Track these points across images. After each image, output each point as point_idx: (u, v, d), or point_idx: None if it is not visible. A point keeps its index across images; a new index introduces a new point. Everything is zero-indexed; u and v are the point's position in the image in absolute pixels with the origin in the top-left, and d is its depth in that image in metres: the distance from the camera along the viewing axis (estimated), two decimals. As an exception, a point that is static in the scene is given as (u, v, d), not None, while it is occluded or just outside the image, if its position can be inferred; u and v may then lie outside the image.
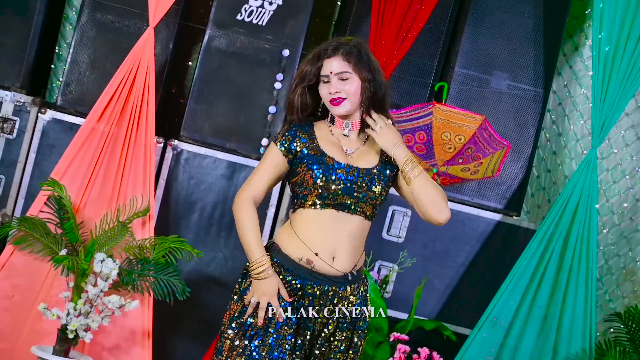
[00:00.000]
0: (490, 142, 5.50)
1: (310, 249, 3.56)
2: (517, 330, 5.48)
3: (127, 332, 5.15)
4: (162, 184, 5.53)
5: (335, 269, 3.59)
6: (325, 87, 3.60)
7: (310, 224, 3.57)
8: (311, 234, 3.57)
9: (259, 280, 3.52)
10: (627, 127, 6.25)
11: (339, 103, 3.58)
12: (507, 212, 5.85)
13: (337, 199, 3.55)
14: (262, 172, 3.62)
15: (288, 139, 3.60)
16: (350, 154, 3.63)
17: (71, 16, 5.99)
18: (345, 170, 3.56)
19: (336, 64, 3.58)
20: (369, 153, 3.67)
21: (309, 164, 3.56)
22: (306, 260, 3.57)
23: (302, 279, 3.57)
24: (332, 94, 3.58)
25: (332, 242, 3.57)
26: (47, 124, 5.48)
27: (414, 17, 5.56)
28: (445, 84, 5.76)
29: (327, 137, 3.64)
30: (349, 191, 3.55)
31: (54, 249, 4.96)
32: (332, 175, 3.54)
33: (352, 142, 3.67)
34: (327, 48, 3.60)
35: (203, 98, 5.60)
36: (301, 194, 3.58)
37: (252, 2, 5.61)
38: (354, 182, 3.56)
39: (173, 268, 5.00)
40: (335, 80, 3.58)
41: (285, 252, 3.59)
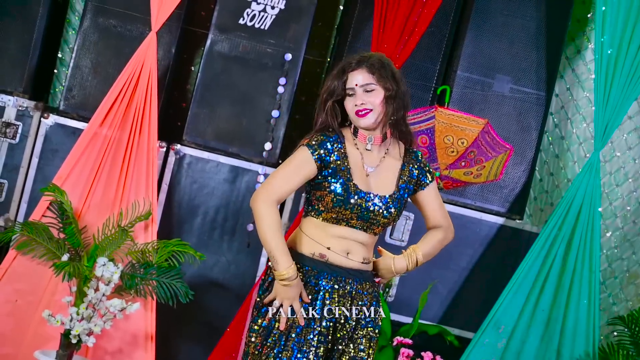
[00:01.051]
0: (492, 145, 5.50)
1: (321, 244, 3.60)
2: (521, 334, 5.48)
3: (130, 336, 5.15)
4: (164, 188, 5.53)
5: (350, 260, 3.62)
6: (351, 100, 3.62)
7: (322, 231, 3.62)
8: (323, 237, 3.62)
9: (284, 285, 3.54)
10: (629, 130, 6.25)
11: (365, 115, 3.60)
12: (510, 216, 5.84)
13: (351, 222, 3.60)
14: (290, 176, 3.58)
15: (325, 152, 3.59)
16: (370, 172, 3.64)
17: (74, 21, 6.00)
18: (365, 200, 3.59)
19: (361, 77, 3.61)
20: (389, 171, 3.68)
21: (333, 186, 3.57)
22: (319, 254, 3.60)
23: (319, 272, 3.60)
24: (358, 105, 3.59)
25: (344, 244, 3.62)
26: (49, 128, 5.48)
27: (416, 20, 5.56)
28: (448, 88, 5.76)
29: (353, 152, 3.65)
30: (363, 217, 3.60)
31: (57, 254, 4.97)
32: (351, 200, 3.56)
33: (374, 157, 3.67)
34: (351, 62, 3.63)
35: (205, 102, 5.60)
36: (317, 206, 3.61)
37: (255, 7, 5.61)
38: (371, 210, 3.60)
39: (176, 271, 5.00)
40: (360, 93, 3.60)
41: (298, 250, 3.63)
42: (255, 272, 5.57)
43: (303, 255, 3.62)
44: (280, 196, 3.57)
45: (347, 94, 3.62)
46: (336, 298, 3.61)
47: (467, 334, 5.72)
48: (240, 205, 5.57)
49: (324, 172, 3.60)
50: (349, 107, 3.62)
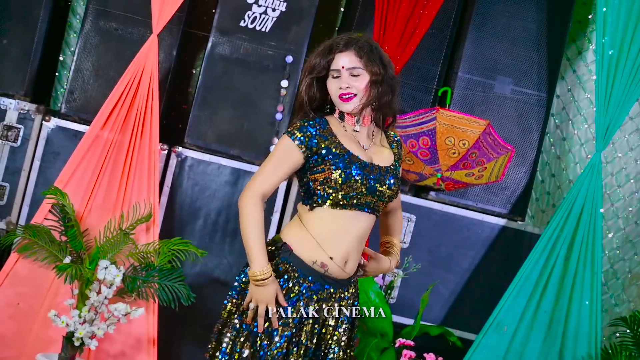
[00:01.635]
0: (494, 146, 5.50)
1: (325, 251, 3.54)
2: (523, 335, 5.47)
3: (132, 339, 5.15)
4: (166, 190, 5.53)
5: (345, 273, 3.60)
6: (335, 82, 3.55)
7: (327, 224, 3.54)
8: (327, 235, 3.53)
9: (258, 286, 3.48)
10: (631, 131, 6.24)
11: (349, 99, 3.54)
12: (512, 217, 5.84)
13: (361, 199, 3.53)
14: (275, 167, 3.51)
15: (307, 135, 3.52)
16: (367, 150, 3.60)
17: (75, 24, 6.00)
18: (370, 169, 3.54)
19: (348, 59, 3.54)
20: (381, 149, 3.66)
21: (336, 162, 3.50)
22: (320, 263, 3.54)
23: (314, 283, 3.55)
24: (343, 89, 3.53)
25: (346, 245, 3.55)
26: (51, 131, 5.49)
27: (417, 22, 5.56)
28: (449, 89, 5.76)
29: (343, 132, 3.60)
30: (372, 190, 3.54)
31: (59, 257, 4.97)
32: (360, 173, 3.51)
33: (364, 137, 3.63)
34: (339, 42, 3.56)
35: (207, 105, 5.60)
36: (323, 192, 3.52)
37: (256, 9, 5.61)
38: (377, 180, 3.55)
39: (178, 274, 5.01)
40: (346, 76, 3.54)
41: (298, 254, 3.55)
42: (257, 275, 5.56)
43: (302, 260, 3.55)
44: (266, 191, 3.50)
45: (331, 75, 3.56)
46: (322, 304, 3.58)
47: (469, 336, 5.72)
48: (241, 208, 5.57)
49: (314, 157, 3.52)
50: (332, 89, 3.55)
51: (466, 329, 5.76)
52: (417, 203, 5.75)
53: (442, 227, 5.77)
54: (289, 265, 3.55)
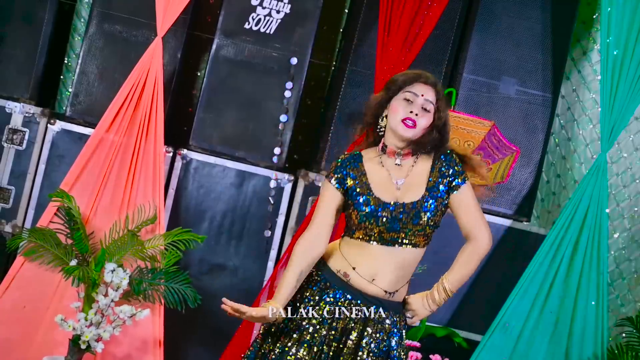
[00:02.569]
0: (499, 147, 5.50)
1: (349, 263, 3.59)
2: (529, 336, 5.47)
3: (139, 341, 5.15)
4: (171, 193, 5.53)
5: (374, 286, 3.59)
6: (406, 105, 3.57)
7: (357, 250, 3.60)
8: (355, 255, 3.60)
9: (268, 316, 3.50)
10: (636, 131, 6.24)
11: (412, 127, 3.55)
12: (517, 218, 5.84)
13: (384, 236, 3.56)
14: (323, 212, 3.61)
15: (340, 176, 3.60)
16: (400, 185, 3.60)
17: (79, 27, 6.01)
18: (390, 210, 3.55)
19: (431, 93, 3.58)
20: (418, 178, 3.63)
21: (355, 203, 3.56)
22: (343, 273, 3.59)
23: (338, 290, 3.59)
24: (412, 114, 3.54)
25: (375, 265, 3.58)
26: (56, 134, 5.49)
27: (421, 23, 5.56)
28: (454, 90, 5.76)
29: (376, 170, 3.62)
30: (394, 228, 3.55)
31: (65, 260, 4.97)
32: (378, 214, 3.54)
33: (402, 170, 3.63)
34: (427, 76, 3.60)
35: (212, 107, 5.60)
36: (349, 226, 3.62)
37: (260, 11, 5.61)
38: (399, 219, 3.55)
39: (184, 276, 5.01)
40: (419, 104, 3.56)
41: (327, 262, 3.63)
42: (263, 277, 5.57)
43: (329, 268, 3.62)
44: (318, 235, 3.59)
45: (404, 96, 3.58)
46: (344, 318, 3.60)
47: (475, 337, 5.71)
48: (247, 210, 5.58)
49: (347, 195, 3.59)
50: (399, 109, 3.57)
51: (472, 330, 5.75)
52: (423, 204, 5.74)
53: (447, 228, 5.72)
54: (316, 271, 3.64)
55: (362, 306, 3.59)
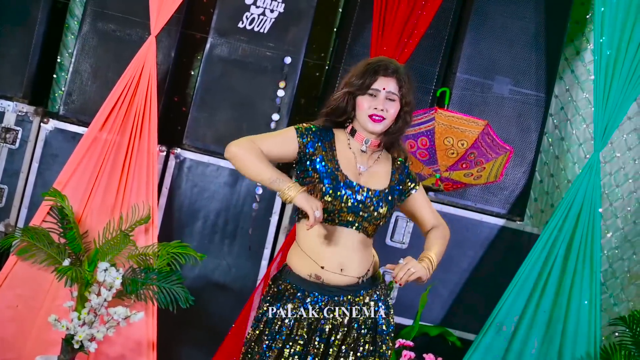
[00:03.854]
0: (492, 147, 5.50)
1: (316, 262, 3.58)
2: (522, 335, 5.48)
3: (132, 342, 5.15)
4: (165, 192, 5.52)
5: (345, 277, 3.61)
6: (371, 100, 3.62)
7: (314, 237, 3.60)
8: (317, 248, 3.60)
9: (304, 197, 3.47)
10: (629, 130, 6.25)
11: (379, 121, 3.62)
12: (511, 217, 5.84)
13: (342, 216, 3.58)
14: (272, 142, 3.59)
15: (310, 137, 3.61)
16: (363, 172, 3.65)
17: (73, 25, 6.00)
18: (355, 190, 3.58)
19: (392, 84, 3.62)
20: (380, 172, 3.70)
21: (322, 177, 3.57)
22: (315, 276, 3.60)
23: (317, 296, 3.60)
24: (378, 110, 3.60)
25: (337, 255, 3.60)
26: (49, 133, 5.48)
27: (415, 23, 5.56)
28: (448, 90, 5.76)
29: (345, 151, 3.65)
30: (355, 210, 3.58)
31: (58, 259, 4.96)
32: (342, 192, 3.56)
33: (366, 158, 3.69)
34: (387, 67, 3.63)
35: (205, 106, 5.60)
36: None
37: (254, 10, 5.61)
38: (362, 202, 3.59)
39: (176, 276, 5.00)
40: (382, 98, 3.61)
41: (296, 272, 3.63)
42: (256, 276, 5.57)
43: (300, 277, 3.62)
44: (260, 145, 3.55)
45: (369, 92, 3.62)
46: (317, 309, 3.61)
47: (469, 336, 5.72)
48: (240, 209, 5.57)
49: (306, 162, 3.59)
50: (364, 106, 3.61)
51: (465, 329, 5.76)
52: (416, 203, 5.74)
53: (444, 230, 5.77)
54: (288, 285, 3.63)
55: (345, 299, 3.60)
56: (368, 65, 3.65)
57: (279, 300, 3.63)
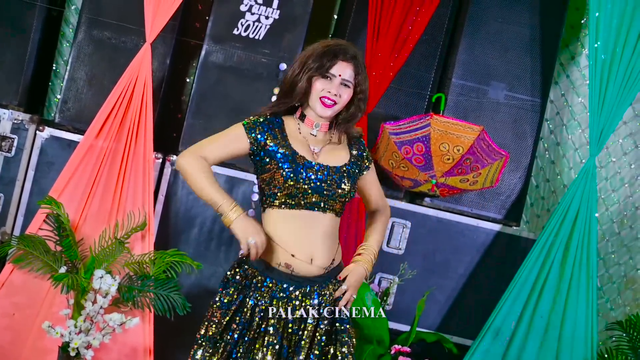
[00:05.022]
0: (488, 152, 5.50)
1: (286, 250, 3.59)
2: (519, 340, 5.47)
3: (128, 348, 5.14)
4: (161, 199, 5.52)
5: (315, 268, 3.62)
6: (326, 83, 3.62)
7: (283, 225, 3.60)
8: (286, 236, 3.60)
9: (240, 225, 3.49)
10: (625, 135, 6.25)
11: (330, 106, 3.63)
12: (507, 222, 5.84)
13: (307, 198, 3.59)
14: (220, 145, 3.61)
15: (258, 128, 3.62)
16: (317, 152, 3.65)
17: (68, 33, 6.00)
18: (315, 169, 3.60)
19: (349, 71, 3.63)
20: (336, 150, 3.71)
21: (280, 162, 3.58)
22: (285, 264, 3.60)
23: (283, 284, 3.60)
24: (331, 94, 3.60)
25: (308, 243, 3.61)
26: (45, 141, 5.48)
27: (410, 29, 5.57)
28: (443, 95, 5.77)
29: (296, 135, 3.67)
30: (318, 190, 3.59)
31: (54, 267, 4.96)
32: (303, 174, 3.57)
33: (319, 141, 3.70)
34: (346, 51, 3.63)
35: (201, 113, 5.60)
36: (270, 192, 3.61)
37: (249, 17, 5.61)
38: (324, 180, 3.60)
39: (173, 283, 5.00)
40: (337, 83, 3.62)
41: (265, 258, 3.62)
42: (253, 282, 5.56)
43: (270, 265, 3.61)
44: (207, 155, 3.58)
45: (324, 75, 3.61)
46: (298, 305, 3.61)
47: (466, 342, 5.72)
48: (236, 216, 5.56)
49: (261, 153, 3.61)
50: (318, 88, 3.62)
51: (462, 335, 5.76)
52: (412, 209, 5.75)
53: (437, 233, 5.78)
54: (256, 271, 3.62)
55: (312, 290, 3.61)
56: (327, 47, 3.63)
57: (247, 287, 3.61)
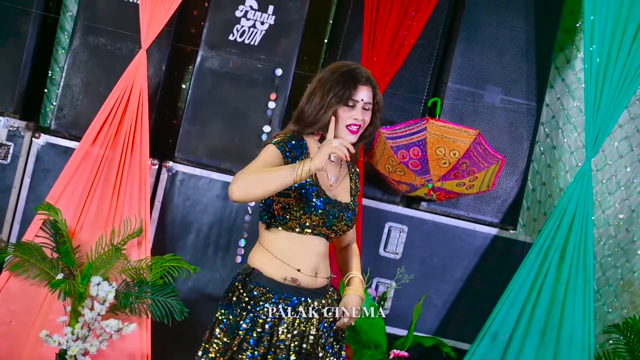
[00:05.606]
0: (484, 156, 5.51)
1: (291, 266, 3.60)
2: (517, 344, 5.48)
3: (126, 355, 5.13)
4: (157, 205, 5.52)
5: (318, 279, 3.66)
6: (350, 110, 3.61)
7: (285, 244, 3.62)
8: (289, 253, 3.62)
9: (311, 160, 3.41)
10: (620, 138, 6.26)
11: (357, 132, 3.63)
12: (504, 226, 5.85)
13: (316, 229, 3.62)
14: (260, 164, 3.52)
15: (292, 152, 3.58)
16: (333, 183, 3.68)
17: (63, 40, 6.00)
18: (332, 206, 3.62)
19: (367, 94, 3.63)
20: (345, 181, 3.75)
21: (306, 195, 3.57)
22: (291, 278, 3.61)
23: (291, 299, 3.61)
24: (358, 120, 3.60)
25: (310, 259, 3.63)
26: (41, 148, 5.47)
27: (405, 34, 5.57)
28: (439, 100, 5.77)
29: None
30: (329, 224, 3.63)
31: (51, 274, 4.95)
32: (322, 209, 3.59)
33: (335, 168, 3.73)
34: (362, 74, 3.63)
35: (197, 119, 5.60)
36: (281, 216, 3.60)
37: (244, 22, 5.61)
38: (335, 216, 3.63)
39: (170, 289, 5.00)
40: (360, 108, 3.61)
41: (268, 275, 3.62)
42: (250, 288, 5.55)
43: (273, 280, 3.60)
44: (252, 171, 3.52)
45: (348, 103, 3.60)
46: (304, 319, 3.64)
47: (463, 345, 5.72)
48: (233, 222, 5.57)
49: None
50: (344, 116, 3.60)
51: (460, 339, 5.76)
52: (409, 214, 5.75)
53: (434, 237, 5.78)
54: (262, 288, 3.61)
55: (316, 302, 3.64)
56: (344, 73, 3.62)
57: (255, 305, 3.60)
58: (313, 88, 3.64)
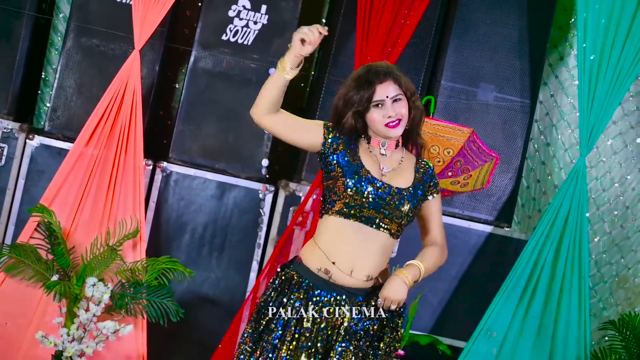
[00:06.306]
0: (478, 154, 5.51)
1: (328, 257, 3.58)
2: (512, 341, 5.48)
3: (122, 356, 5.13)
4: (152, 206, 5.52)
5: (353, 280, 3.60)
6: (379, 111, 3.61)
7: (334, 233, 3.60)
8: (332, 244, 3.59)
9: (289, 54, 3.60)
10: (614, 135, 6.26)
11: (396, 125, 3.61)
12: (498, 224, 5.85)
13: (364, 212, 3.57)
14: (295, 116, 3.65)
15: (335, 133, 3.64)
16: (386, 172, 3.65)
17: (56, 41, 5.99)
18: (377, 186, 3.59)
19: (392, 88, 3.62)
20: (405, 172, 3.69)
21: (345, 171, 3.59)
22: (324, 270, 3.59)
23: (322, 291, 3.59)
24: (392, 117, 3.60)
25: (352, 254, 3.59)
26: (35, 149, 5.47)
27: (398, 32, 5.57)
28: (432, 98, 5.77)
29: (368, 153, 3.67)
30: (376, 206, 3.58)
31: (46, 275, 4.95)
32: (364, 187, 3.57)
33: (390, 161, 3.69)
34: (378, 73, 3.63)
35: (191, 119, 5.60)
36: (330, 199, 3.61)
37: (237, 22, 5.61)
38: (384, 198, 3.58)
39: (166, 290, 5.00)
40: (389, 104, 3.61)
41: (306, 264, 3.62)
42: (245, 288, 5.56)
43: (309, 269, 3.61)
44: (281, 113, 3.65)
45: (373, 105, 3.61)
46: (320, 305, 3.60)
47: (459, 343, 5.72)
48: (228, 221, 5.57)
49: (330, 158, 3.61)
50: (376, 119, 3.61)
51: (455, 337, 5.76)
52: (404, 212, 5.75)
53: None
54: (296, 273, 3.62)
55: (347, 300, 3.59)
56: (359, 78, 3.64)
57: (286, 289, 3.61)
58: (340, 92, 3.68)
